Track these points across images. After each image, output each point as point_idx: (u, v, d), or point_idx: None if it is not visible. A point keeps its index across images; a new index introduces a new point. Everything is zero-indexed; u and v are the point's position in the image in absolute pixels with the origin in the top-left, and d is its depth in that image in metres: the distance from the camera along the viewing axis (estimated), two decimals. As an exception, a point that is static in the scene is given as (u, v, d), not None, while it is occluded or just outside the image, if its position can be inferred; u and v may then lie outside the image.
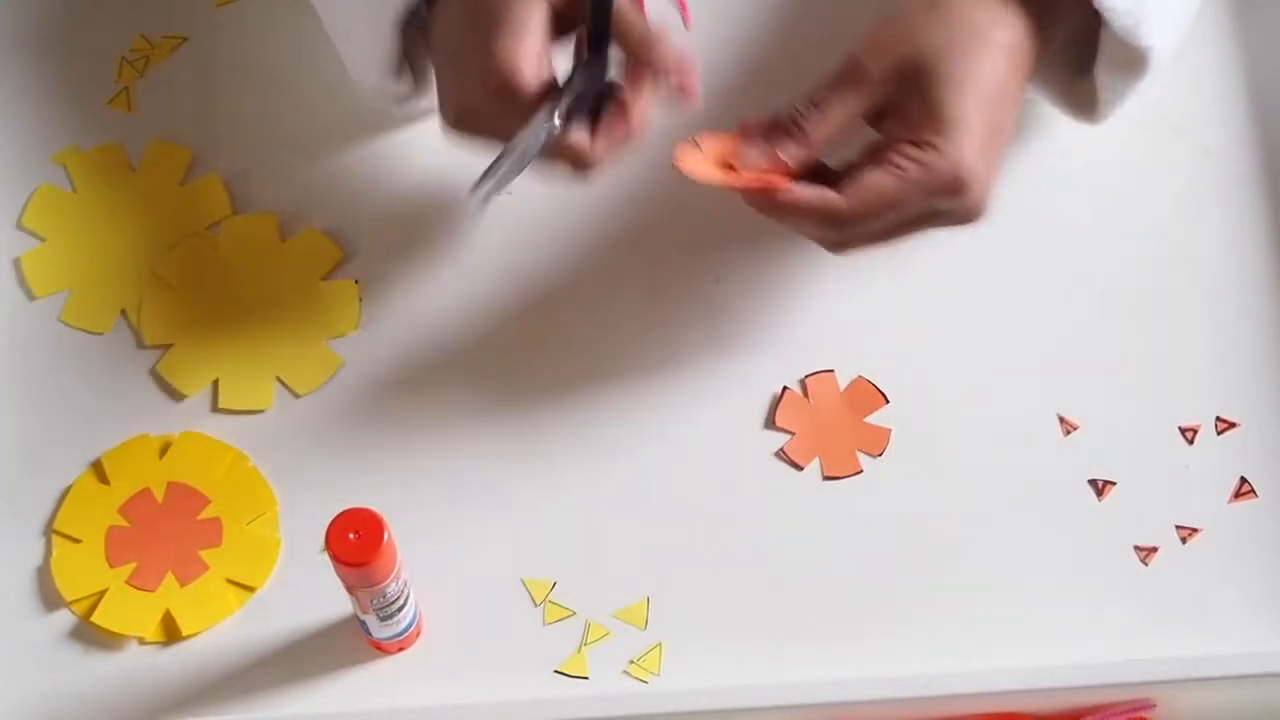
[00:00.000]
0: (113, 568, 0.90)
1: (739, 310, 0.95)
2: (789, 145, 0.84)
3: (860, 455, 0.92)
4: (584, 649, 0.89)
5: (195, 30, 1.02)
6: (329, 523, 0.80)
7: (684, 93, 0.86)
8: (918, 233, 0.86)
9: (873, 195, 0.83)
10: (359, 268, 0.96)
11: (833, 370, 0.94)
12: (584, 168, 0.85)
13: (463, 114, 0.87)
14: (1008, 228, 0.88)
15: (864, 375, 0.94)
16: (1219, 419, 0.93)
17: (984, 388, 0.94)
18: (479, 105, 0.86)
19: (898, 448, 0.93)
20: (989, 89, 0.84)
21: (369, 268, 0.96)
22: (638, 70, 0.86)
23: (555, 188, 0.97)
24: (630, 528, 0.91)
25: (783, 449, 0.92)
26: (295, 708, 0.88)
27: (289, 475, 0.92)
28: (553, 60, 0.86)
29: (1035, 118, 0.97)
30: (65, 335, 0.95)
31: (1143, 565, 0.90)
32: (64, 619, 0.90)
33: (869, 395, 0.93)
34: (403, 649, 0.89)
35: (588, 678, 0.88)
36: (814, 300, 0.95)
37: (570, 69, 0.86)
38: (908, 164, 0.83)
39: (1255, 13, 1.01)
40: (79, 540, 0.91)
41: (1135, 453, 0.92)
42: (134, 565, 0.90)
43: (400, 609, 0.85)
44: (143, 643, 0.89)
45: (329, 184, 0.98)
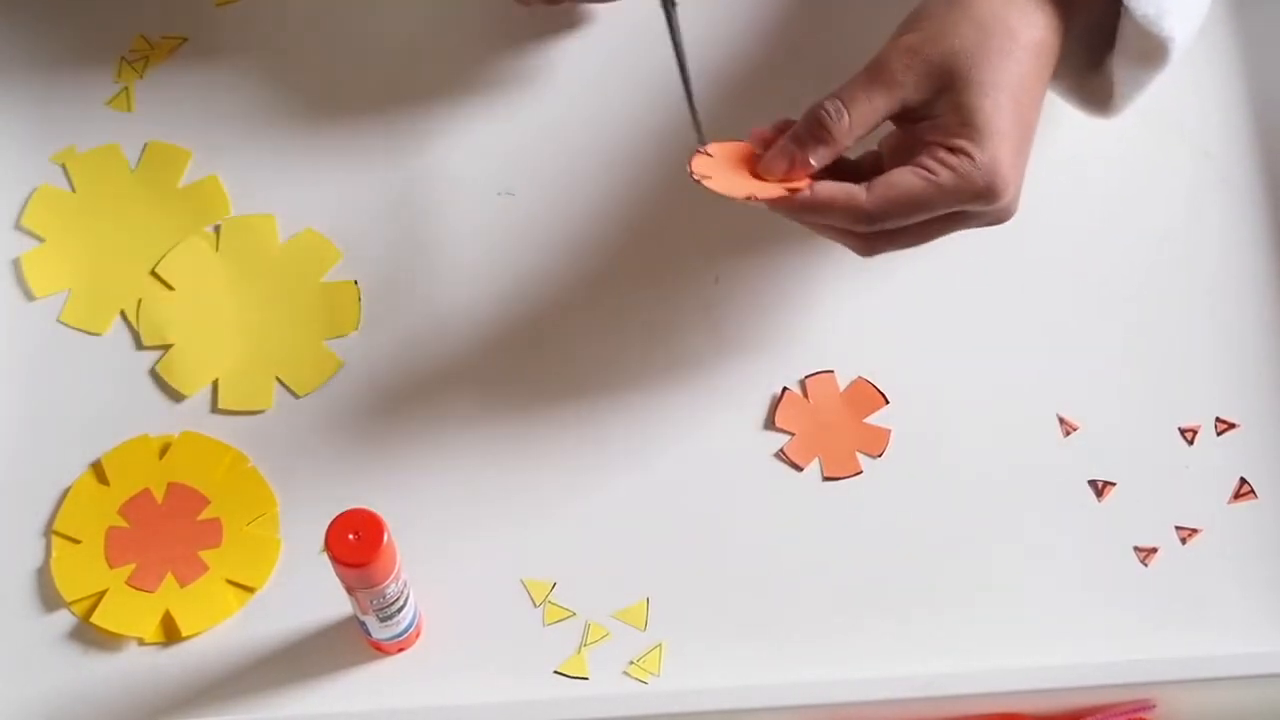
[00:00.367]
0: (112, 568, 0.90)
1: (739, 311, 0.95)
2: (817, 149, 0.83)
3: (860, 456, 0.92)
4: (584, 649, 0.89)
5: (195, 30, 1.02)
6: (329, 523, 0.80)
7: None
8: (947, 233, 0.85)
9: (899, 195, 0.82)
10: (359, 268, 0.96)
11: (832, 371, 0.94)
12: None
13: None
14: (1007, 229, 0.88)
15: (864, 376, 0.94)
16: (1219, 419, 0.93)
17: (984, 388, 0.94)
18: None
19: (897, 448, 0.92)
20: (1019, 92, 0.83)
21: (369, 268, 0.96)
22: None
23: (555, 187, 0.97)
24: (630, 528, 0.91)
25: (782, 449, 0.92)
26: (295, 708, 0.87)
27: (289, 475, 0.92)
28: None
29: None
30: (64, 335, 0.95)
31: (1142, 566, 0.90)
32: (64, 619, 0.90)
33: (869, 396, 0.93)
34: (402, 649, 0.88)
35: (587, 678, 0.88)
36: (814, 301, 0.95)
37: None
38: (940, 169, 0.82)
39: (1255, 13, 1.01)
40: (79, 541, 0.90)
41: (1135, 453, 0.92)
42: (134, 566, 0.90)
43: (400, 610, 0.85)
44: (142, 643, 0.89)
45: (329, 184, 0.98)
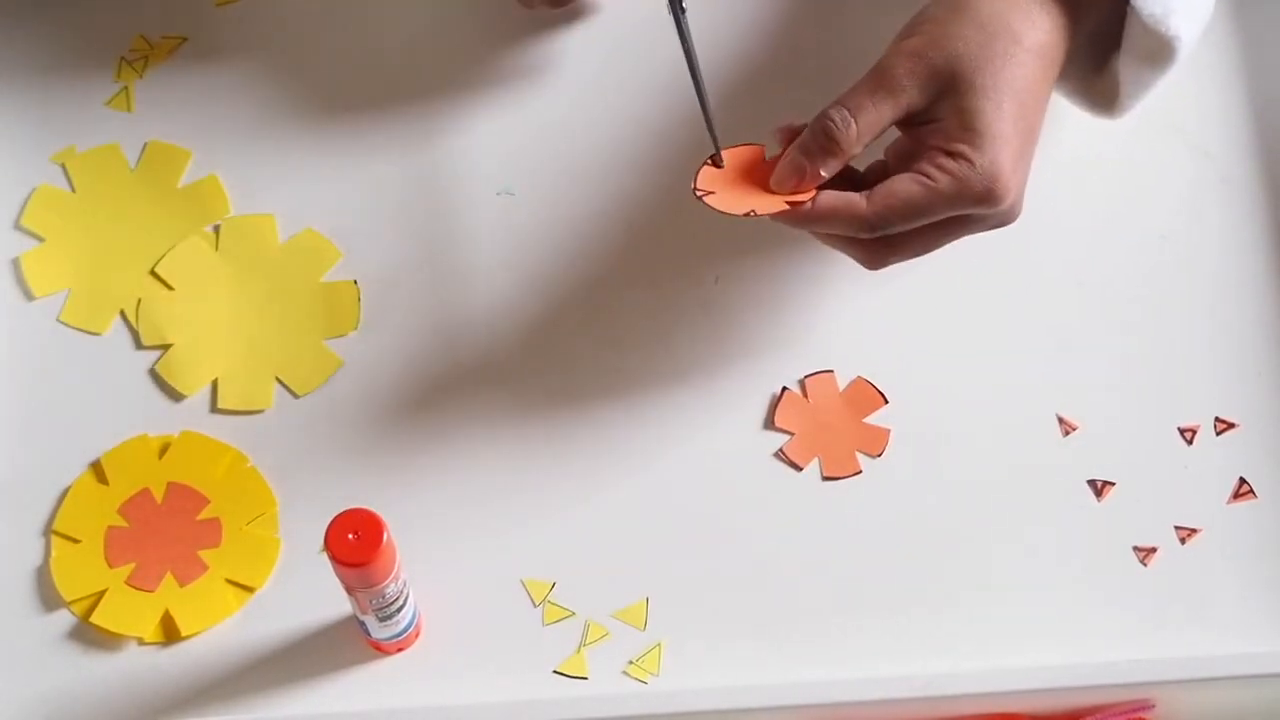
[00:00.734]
0: (112, 568, 0.90)
1: (739, 311, 0.95)
2: (826, 160, 0.83)
3: (859, 456, 0.92)
4: (583, 649, 0.89)
5: (195, 30, 1.02)
6: (328, 523, 0.80)
7: None
8: (951, 239, 0.85)
9: (899, 203, 0.82)
10: (359, 268, 0.96)
11: (832, 371, 0.94)
12: None
13: None
14: (1007, 228, 0.88)
15: (863, 376, 0.94)
16: (1218, 419, 0.93)
17: (983, 388, 0.94)
18: None
19: (897, 448, 0.92)
20: (1022, 96, 0.83)
21: (369, 268, 0.96)
22: None
23: (555, 187, 0.97)
24: (629, 528, 0.91)
25: (782, 449, 0.92)
26: (294, 708, 0.87)
27: (288, 475, 0.92)
28: None
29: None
30: (64, 335, 0.95)
31: (1142, 565, 0.90)
32: (63, 619, 0.90)
33: (868, 396, 0.93)
34: (402, 649, 0.88)
35: (587, 678, 0.88)
36: (813, 301, 0.95)
37: None
38: (939, 175, 0.82)
39: (1255, 13, 1.01)
40: (78, 540, 0.90)
41: (1134, 453, 0.92)
42: (133, 565, 0.90)
43: (399, 609, 0.85)
44: (142, 643, 0.89)
45: (329, 184, 0.98)
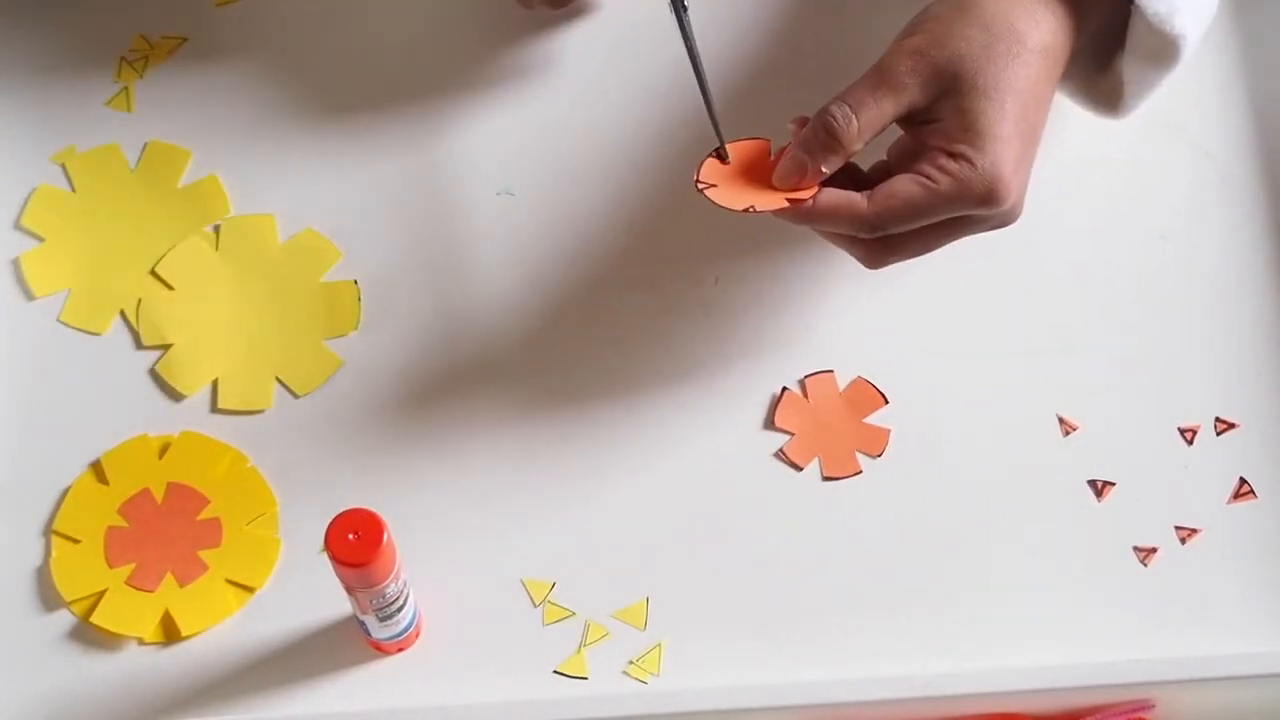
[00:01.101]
0: (112, 568, 0.90)
1: (739, 311, 0.95)
2: (827, 157, 0.83)
3: (859, 456, 0.92)
4: (583, 649, 0.89)
5: (195, 30, 1.02)
6: (328, 523, 0.80)
7: None
8: (952, 239, 0.85)
9: (899, 203, 0.82)
10: (359, 268, 0.96)
11: (832, 371, 0.94)
12: None
13: None
14: (1007, 228, 0.88)
15: (863, 376, 0.94)
16: (1218, 419, 0.93)
17: (983, 388, 0.94)
18: None
19: (897, 448, 0.92)
20: (1024, 96, 0.83)
21: (369, 268, 0.96)
22: None
23: (555, 187, 0.97)
24: (629, 528, 0.91)
25: (782, 449, 0.92)
26: (295, 708, 0.87)
27: (288, 475, 0.92)
28: None
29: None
30: (64, 335, 0.95)
31: (1142, 566, 0.90)
32: (63, 619, 0.90)
33: (868, 396, 0.93)
34: (402, 649, 0.88)
35: (587, 678, 0.88)
36: (813, 301, 0.95)
37: None
38: (940, 175, 0.82)
39: (1255, 13, 1.01)
40: (78, 540, 0.90)
41: (1134, 453, 0.92)
42: (133, 565, 0.90)
43: (399, 609, 0.85)
44: (142, 643, 0.89)
45: (329, 184, 0.98)
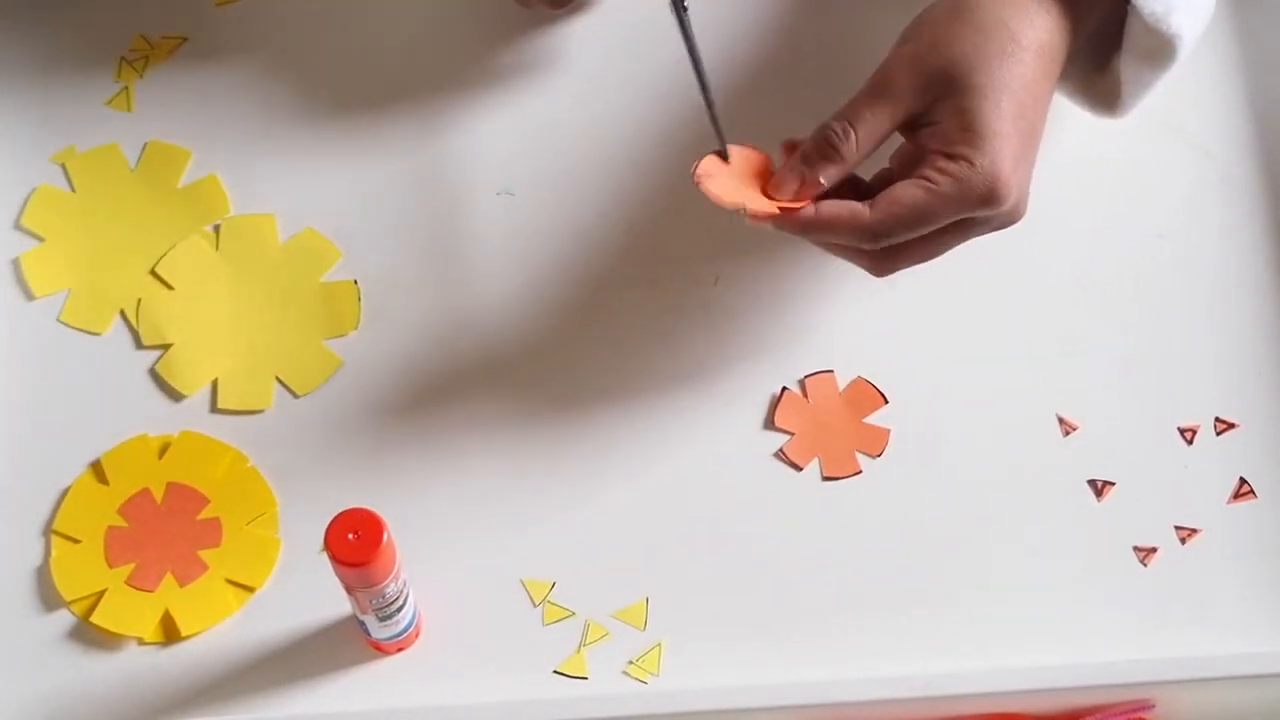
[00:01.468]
0: (112, 568, 0.90)
1: (739, 311, 0.95)
2: (827, 169, 0.83)
3: (859, 456, 0.92)
4: (583, 649, 0.89)
5: (195, 30, 1.02)
6: (328, 523, 0.80)
7: None
8: (957, 243, 0.85)
9: (902, 209, 0.82)
10: (359, 268, 0.96)
11: (832, 371, 0.94)
12: None
13: None
14: (1008, 228, 0.88)
15: (863, 376, 0.94)
16: (1218, 419, 0.93)
17: (983, 388, 0.94)
18: None
19: (897, 448, 0.92)
20: (1020, 94, 0.83)
21: (369, 268, 0.96)
22: None
23: (555, 187, 0.97)
24: (629, 528, 0.91)
25: (782, 449, 0.92)
26: (294, 708, 0.87)
27: (288, 475, 0.92)
28: None
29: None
30: (64, 335, 0.95)
31: (1142, 566, 0.90)
32: (63, 619, 0.90)
33: (868, 396, 0.93)
34: (402, 649, 0.88)
35: (587, 678, 0.88)
36: (813, 301, 0.95)
37: None
38: (940, 178, 0.82)
39: (1255, 13, 1.01)
40: (78, 540, 0.90)
41: (1134, 453, 0.92)
42: (133, 565, 0.90)
43: (399, 609, 0.85)
44: (142, 643, 0.89)
45: (329, 184, 0.98)
